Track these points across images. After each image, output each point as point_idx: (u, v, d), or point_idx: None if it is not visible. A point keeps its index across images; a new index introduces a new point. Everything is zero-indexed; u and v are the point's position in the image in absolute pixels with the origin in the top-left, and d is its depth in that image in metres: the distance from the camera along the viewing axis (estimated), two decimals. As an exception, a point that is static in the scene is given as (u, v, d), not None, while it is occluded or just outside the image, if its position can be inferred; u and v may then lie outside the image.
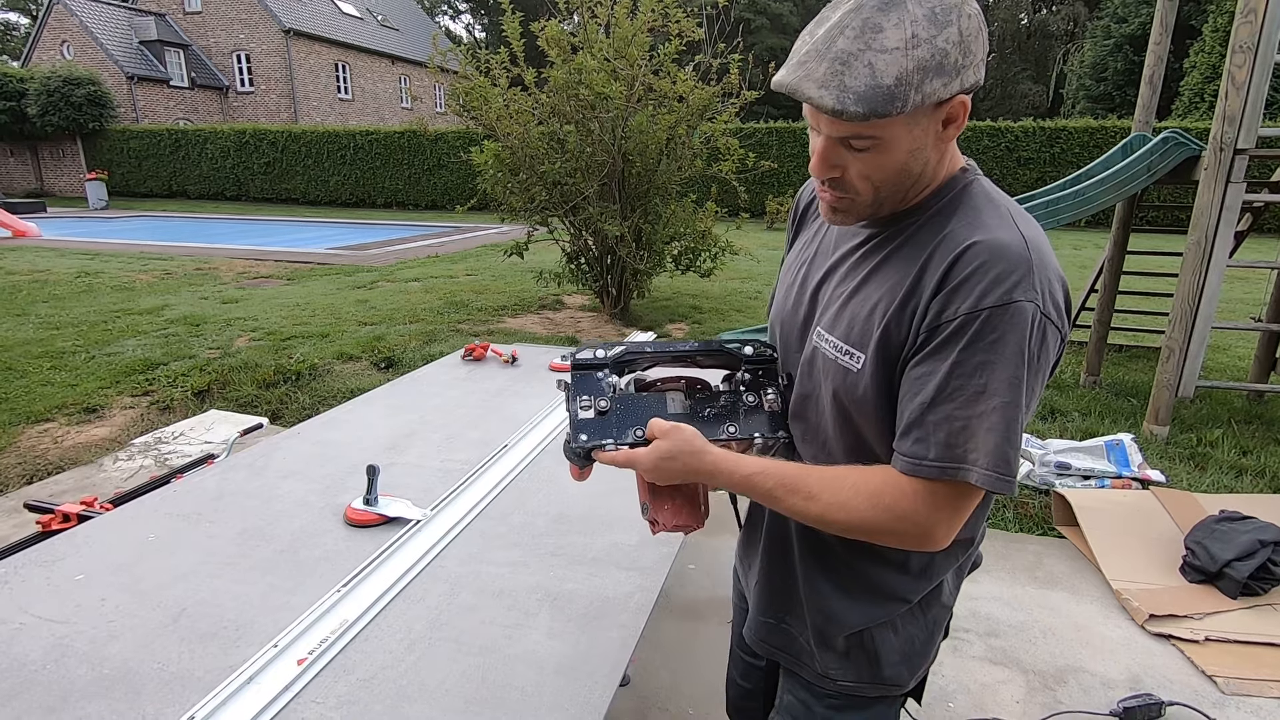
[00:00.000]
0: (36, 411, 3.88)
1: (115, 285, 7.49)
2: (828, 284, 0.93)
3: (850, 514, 0.81)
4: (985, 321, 0.75)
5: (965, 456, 0.76)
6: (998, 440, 0.75)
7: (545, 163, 5.58)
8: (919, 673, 0.99)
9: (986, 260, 0.76)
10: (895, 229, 0.87)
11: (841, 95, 0.72)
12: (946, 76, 0.73)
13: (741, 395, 0.97)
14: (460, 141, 16.48)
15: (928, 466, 0.78)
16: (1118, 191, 3.92)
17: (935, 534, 0.80)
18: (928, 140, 0.79)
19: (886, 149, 0.78)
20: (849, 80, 0.72)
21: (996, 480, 0.76)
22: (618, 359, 0.94)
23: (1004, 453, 0.76)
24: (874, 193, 0.82)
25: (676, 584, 2.45)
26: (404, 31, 30.68)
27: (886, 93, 0.72)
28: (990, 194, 0.85)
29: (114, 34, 23.24)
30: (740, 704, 1.27)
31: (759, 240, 9.09)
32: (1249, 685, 2.05)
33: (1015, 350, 0.75)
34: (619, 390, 0.93)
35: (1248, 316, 5.77)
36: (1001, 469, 0.76)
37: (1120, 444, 3.34)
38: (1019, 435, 0.77)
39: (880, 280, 0.85)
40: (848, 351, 0.86)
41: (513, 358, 2.68)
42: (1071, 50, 35.82)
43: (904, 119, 0.75)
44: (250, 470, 1.74)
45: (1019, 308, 0.75)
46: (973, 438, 0.76)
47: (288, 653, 1.09)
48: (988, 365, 0.75)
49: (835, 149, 0.80)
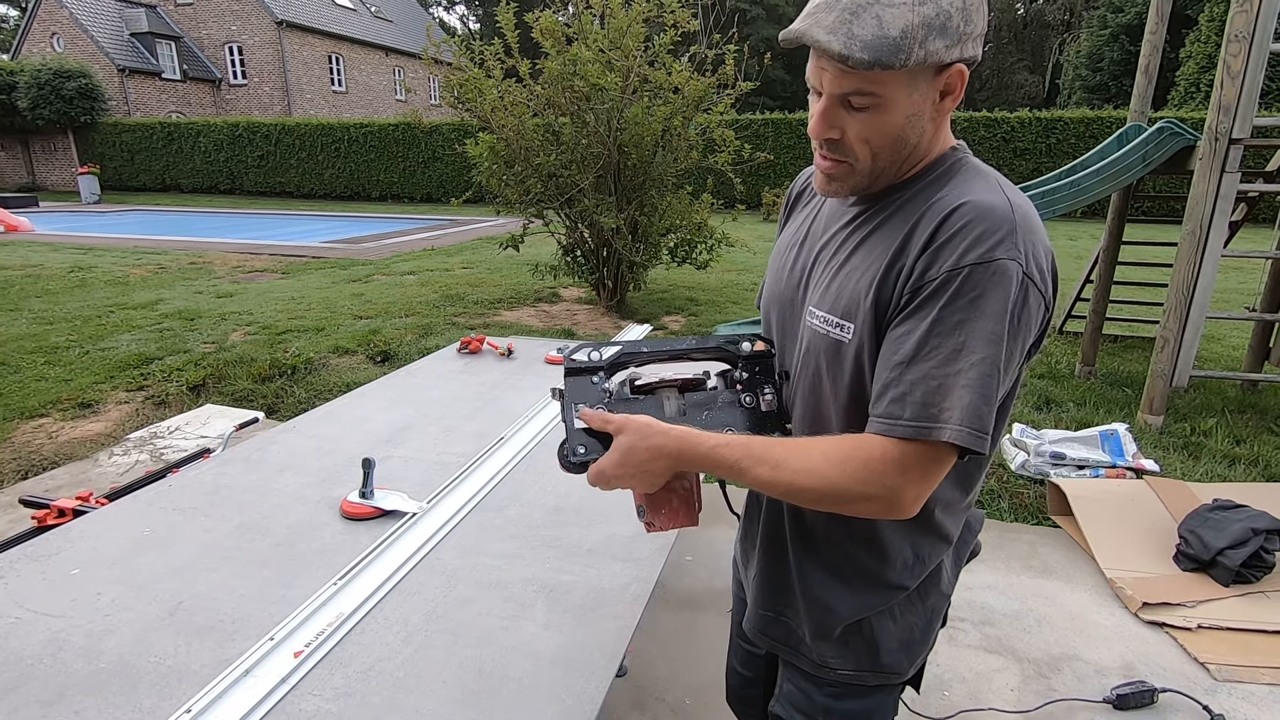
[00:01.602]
0: (31, 407, 3.86)
1: (109, 280, 7.45)
2: (818, 264, 0.93)
3: (817, 479, 0.79)
4: (967, 279, 0.75)
5: (940, 415, 0.75)
6: (973, 398, 0.75)
7: (540, 155, 5.56)
8: (918, 660, 1.00)
9: (972, 219, 0.77)
10: (884, 203, 0.87)
11: (849, 42, 0.74)
12: (949, 39, 0.75)
13: (739, 395, 0.95)
14: (455, 134, 16.42)
15: (902, 426, 0.77)
16: (1113, 182, 3.92)
17: (904, 499, 0.78)
18: (925, 108, 0.80)
19: (885, 110, 0.79)
20: (856, 29, 0.74)
21: (970, 436, 0.75)
22: (612, 361, 0.92)
23: (979, 410, 0.75)
24: (871, 159, 0.83)
25: (673, 575, 2.46)
26: (398, 23, 30.48)
27: (892, 44, 0.73)
28: (980, 168, 0.85)
29: (105, 26, 23.03)
30: (741, 692, 1.27)
31: (755, 232, 9.08)
32: (1241, 672, 2.07)
33: (997, 308, 0.75)
34: (613, 395, 0.90)
35: (1242, 306, 5.78)
36: (975, 425, 0.75)
37: (1115, 434, 3.36)
38: (995, 394, 0.76)
39: (868, 250, 0.85)
40: (838, 324, 0.86)
41: (509, 350, 2.67)
42: (1068, 40, 35.74)
43: (904, 79, 0.77)
44: (246, 464, 1.74)
45: (1001, 265, 0.75)
46: (948, 396, 0.75)
47: (284, 645, 1.09)
48: (967, 322, 0.75)
49: (835, 109, 0.81)
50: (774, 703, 1.07)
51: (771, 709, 1.07)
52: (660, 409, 0.91)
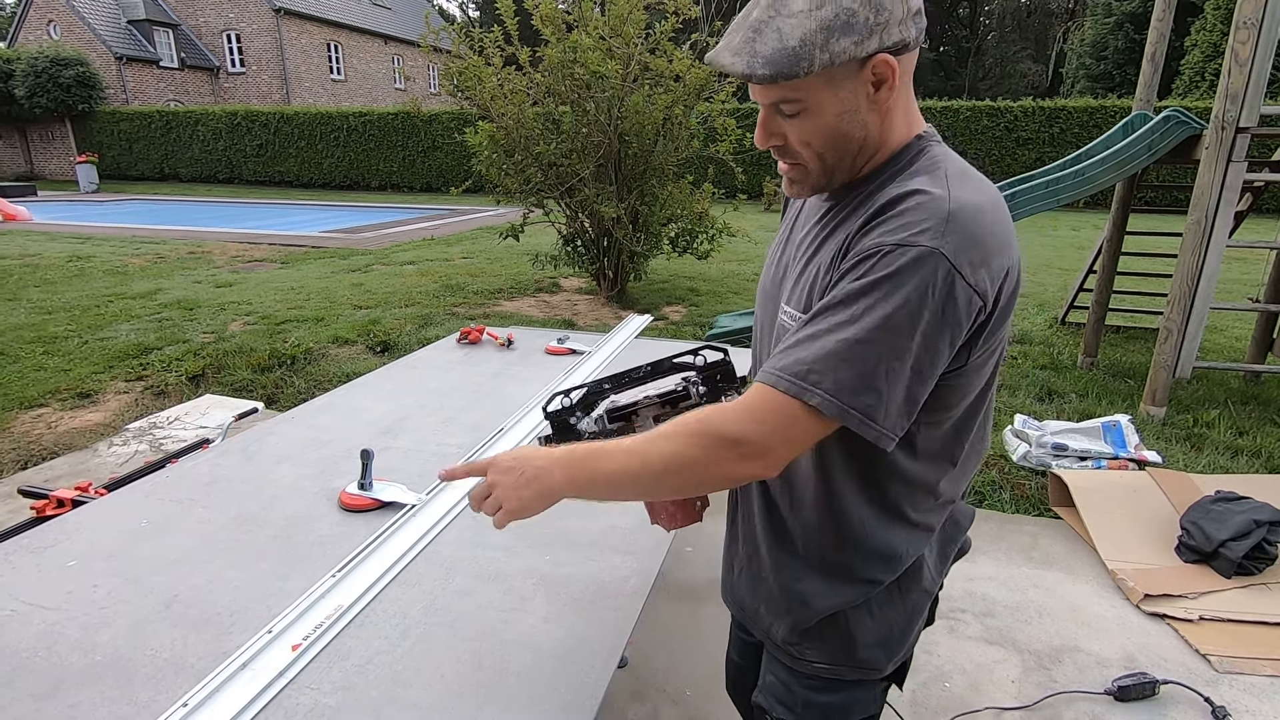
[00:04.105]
0: (30, 397, 3.86)
1: (107, 269, 7.43)
2: (794, 262, 0.94)
3: (673, 442, 0.80)
4: (881, 258, 0.75)
5: (811, 379, 0.75)
6: (850, 375, 0.74)
7: (540, 144, 5.52)
8: (897, 657, 0.99)
9: (904, 208, 0.77)
10: (850, 198, 0.87)
11: (751, 60, 0.76)
12: (857, 35, 0.75)
13: (702, 404, 0.98)
14: (454, 123, 16.32)
15: (776, 376, 0.77)
16: (1118, 171, 3.89)
17: (772, 449, 0.78)
18: (859, 103, 0.80)
19: (814, 112, 0.80)
20: (759, 45, 0.76)
21: (837, 408, 0.74)
22: (583, 400, 1.00)
23: (852, 386, 0.74)
24: (819, 160, 0.84)
25: (674, 566, 2.45)
26: (396, 10, 30.24)
27: (791, 54, 0.75)
28: (939, 159, 0.83)
29: (101, 13, 22.85)
30: (739, 680, 1.28)
31: (756, 222, 9.03)
32: (1242, 664, 2.07)
33: (904, 293, 0.73)
34: (593, 429, 0.98)
35: (1245, 297, 5.76)
36: (845, 399, 0.74)
37: (1117, 425, 3.35)
38: (882, 377, 0.74)
39: (829, 246, 0.86)
40: (798, 318, 0.86)
41: (509, 341, 2.66)
42: (1071, 29, 35.48)
43: (823, 80, 0.77)
44: (244, 455, 1.73)
45: (920, 251, 0.73)
46: (826, 363, 0.75)
47: (282, 638, 1.08)
48: (867, 298, 0.75)
49: (771, 117, 0.84)
50: (757, 693, 1.07)
51: (755, 699, 1.07)
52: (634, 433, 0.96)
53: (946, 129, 14.35)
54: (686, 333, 5.36)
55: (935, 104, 14.86)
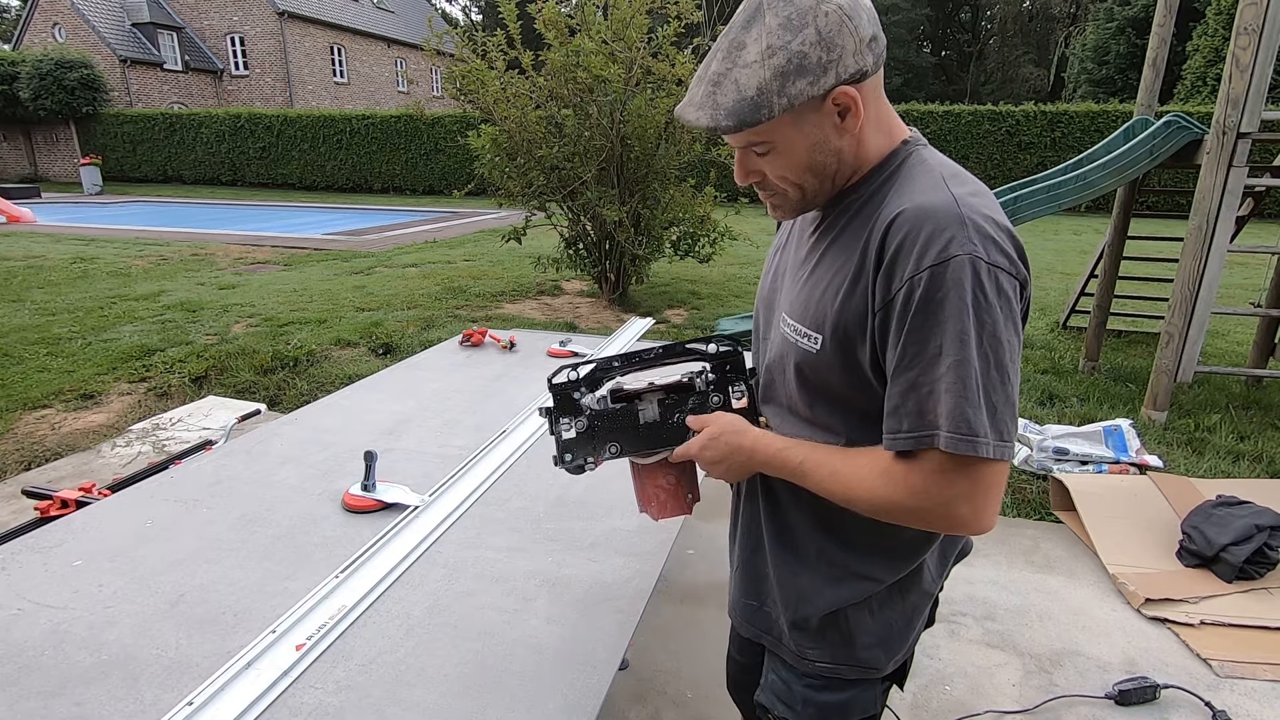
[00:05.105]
0: (34, 398, 3.87)
1: (111, 271, 7.45)
2: (790, 271, 0.97)
3: (872, 493, 0.82)
4: (928, 283, 0.75)
5: (937, 422, 0.76)
6: (955, 400, 0.75)
7: (543, 147, 5.53)
8: (897, 657, 0.99)
9: (914, 225, 0.77)
10: (842, 208, 0.89)
11: (714, 113, 0.80)
12: (811, 75, 0.77)
13: (709, 395, 1.00)
14: (457, 126, 16.34)
15: (901, 439, 0.78)
16: (1119, 175, 3.90)
17: (957, 510, 0.78)
18: (825, 134, 0.82)
19: (784, 151, 0.83)
20: (719, 98, 0.80)
21: (957, 441, 0.75)
22: (589, 375, 1.01)
23: (962, 411, 0.74)
24: (798, 189, 0.88)
25: (675, 568, 2.46)
26: (399, 14, 30.34)
27: (751, 103, 0.78)
28: (926, 161, 0.85)
29: (106, 16, 22.94)
30: (740, 679, 1.28)
31: (758, 225, 9.05)
32: (1243, 668, 2.06)
33: (961, 305, 0.74)
34: (594, 407, 1.00)
35: (1247, 302, 5.76)
36: (962, 430, 0.74)
37: (1118, 429, 3.35)
38: (978, 390, 0.75)
39: (830, 261, 0.88)
40: (805, 334, 0.88)
41: (511, 343, 2.67)
42: (1073, 33, 35.49)
43: (787, 122, 0.80)
44: (248, 456, 1.74)
45: (958, 262, 0.74)
46: (939, 402, 0.76)
47: (286, 638, 1.09)
48: (938, 326, 0.75)
49: (746, 157, 0.87)
50: (759, 692, 1.08)
51: (756, 698, 1.08)
52: (637, 417, 0.99)
53: (948, 133, 14.35)
54: (688, 335, 5.36)
55: (937, 108, 14.84)
